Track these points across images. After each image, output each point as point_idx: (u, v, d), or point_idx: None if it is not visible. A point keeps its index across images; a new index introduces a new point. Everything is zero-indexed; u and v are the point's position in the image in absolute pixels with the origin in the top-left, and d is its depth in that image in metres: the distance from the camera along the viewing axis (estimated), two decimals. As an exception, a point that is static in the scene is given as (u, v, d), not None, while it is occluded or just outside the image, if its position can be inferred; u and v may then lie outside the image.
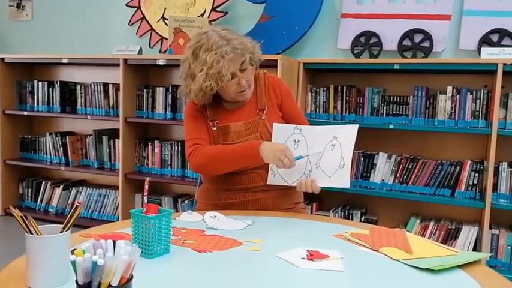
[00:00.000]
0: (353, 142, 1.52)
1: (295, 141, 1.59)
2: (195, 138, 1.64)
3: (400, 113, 2.79)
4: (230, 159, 1.59)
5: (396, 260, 1.13)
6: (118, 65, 3.30)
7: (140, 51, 3.32)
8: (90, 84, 3.57)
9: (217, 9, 3.32)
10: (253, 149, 1.54)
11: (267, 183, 1.64)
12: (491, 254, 2.61)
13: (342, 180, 1.52)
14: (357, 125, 1.53)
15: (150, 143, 3.44)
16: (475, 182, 2.65)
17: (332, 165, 1.53)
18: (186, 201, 3.36)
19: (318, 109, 2.95)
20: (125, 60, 3.29)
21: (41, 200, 3.79)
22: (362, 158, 2.85)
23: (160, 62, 3.18)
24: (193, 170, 1.68)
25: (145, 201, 1.14)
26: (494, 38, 2.70)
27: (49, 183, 3.78)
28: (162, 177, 3.36)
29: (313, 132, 1.58)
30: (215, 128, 1.65)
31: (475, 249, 2.64)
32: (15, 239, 2.85)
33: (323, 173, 1.54)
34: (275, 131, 1.61)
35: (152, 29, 3.57)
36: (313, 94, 2.96)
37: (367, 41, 2.94)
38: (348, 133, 1.53)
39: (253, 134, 1.65)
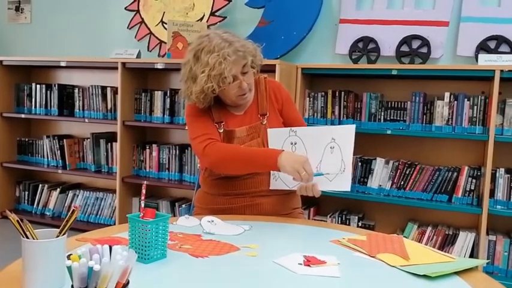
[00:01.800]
0: (352, 144, 1.50)
1: (292, 143, 1.58)
2: (207, 134, 1.59)
3: (398, 118, 2.80)
4: (248, 162, 1.54)
5: (393, 266, 1.13)
6: (116, 68, 3.30)
7: (139, 55, 3.32)
8: (88, 88, 3.57)
9: (216, 13, 3.33)
10: (272, 158, 1.49)
11: (270, 188, 1.63)
12: (488, 260, 2.61)
13: (342, 184, 1.51)
14: (354, 125, 1.51)
15: (147, 147, 3.44)
16: (472, 188, 2.65)
17: (333, 169, 1.52)
18: (183, 206, 3.35)
19: (315, 114, 2.96)
20: (123, 63, 3.29)
21: (38, 203, 3.78)
22: (359, 163, 2.86)
23: (159, 66, 3.18)
24: (208, 164, 1.61)
25: (143, 205, 1.14)
26: (492, 44, 2.72)
27: (46, 186, 3.77)
28: (159, 181, 3.36)
29: (308, 133, 1.57)
30: (221, 131, 1.65)
31: (472, 255, 2.64)
32: (12, 243, 2.83)
33: (324, 177, 1.54)
34: (270, 137, 1.61)
35: (151, 33, 3.57)
36: (311, 99, 2.96)
37: (365, 47, 2.95)
38: (346, 134, 1.51)
39: (255, 139, 1.64)
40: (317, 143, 1.55)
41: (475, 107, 2.63)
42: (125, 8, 3.63)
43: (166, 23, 3.36)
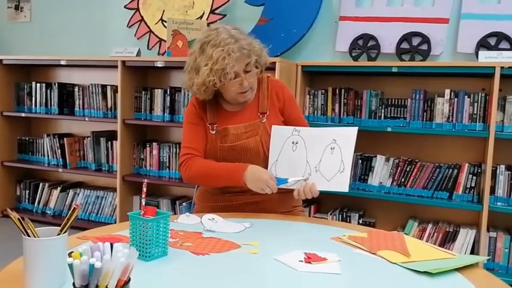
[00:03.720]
0: (353, 146, 1.51)
1: (293, 143, 1.59)
2: (189, 147, 1.65)
3: (398, 115, 2.80)
4: (216, 179, 1.61)
5: (394, 263, 1.13)
6: (116, 66, 3.30)
7: (138, 53, 3.32)
8: (88, 86, 3.57)
9: (216, 11, 3.33)
10: (238, 174, 1.55)
11: None
12: (488, 257, 2.61)
13: (340, 184, 1.51)
14: (356, 128, 1.53)
15: (148, 145, 3.44)
16: (473, 184, 2.65)
17: (331, 169, 1.53)
18: (184, 204, 3.36)
19: (316, 112, 2.96)
20: (123, 62, 3.29)
21: (39, 202, 3.78)
22: (360, 161, 2.86)
23: (159, 64, 3.18)
24: (184, 179, 1.70)
25: (143, 203, 1.14)
26: (492, 41, 2.71)
27: (47, 185, 3.77)
28: (160, 179, 3.36)
29: (311, 134, 1.58)
30: (214, 132, 1.65)
31: (472, 252, 2.64)
32: (13, 241, 2.83)
33: (322, 177, 1.54)
34: (273, 134, 1.62)
35: (151, 31, 3.57)
36: (311, 97, 2.96)
37: (365, 44, 2.94)
38: (348, 136, 1.52)
39: (252, 137, 1.64)
40: (318, 143, 1.56)
41: (476, 104, 2.63)
42: (125, 7, 3.63)
43: (166, 21, 3.35)
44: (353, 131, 1.53)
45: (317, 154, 1.55)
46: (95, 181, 3.85)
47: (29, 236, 0.90)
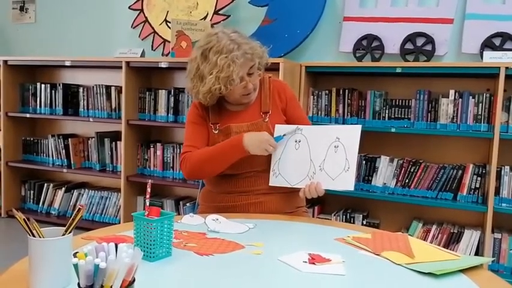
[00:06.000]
0: (357, 144, 1.51)
1: (296, 141, 1.59)
2: (189, 146, 1.65)
3: (402, 116, 2.79)
4: (218, 159, 1.59)
5: (398, 264, 1.13)
6: (120, 67, 3.31)
7: (143, 54, 3.33)
8: (93, 87, 3.58)
9: (220, 12, 3.33)
10: (238, 144, 1.55)
11: (269, 184, 1.64)
12: (493, 258, 2.60)
13: (346, 183, 1.51)
14: (360, 126, 1.53)
15: (152, 146, 3.44)
16: (477, 185, 2.64)
17: (336, 168, 1.53)
18: (188, 204, 3.36)
19: (319, 112, 2.95)
20: (128, 62, 3.30)
21: (43, 202, 3.80)
22: (364, 162, 2.86)
23: (163, 65, 3.18)
24: (187, 177, 1.69)
25: (147, 204, 1.14)
26: (497, 41, 2.70)
27: (51, 185, 3.79)
28: (164, 180, 3.37)
29: (314, 132, 1.58)
30: (216, 131, 1.66)
31: (477, 253, 2.63)
32: (18, 242, 2.84)
33: (327, 176, 1.54)
34: (276, 132, 1.62)
35: (155, 32, 3.58)
36: (315, 97, 2.96)
37: (369, 45, 2.94)
38: (351, 134, 1.52)
39: (255, 136, 1.65)
40: (321, 141, 1.56)
41: (480, 104, 2.62)
42: (129, 7, 3.64)
43: (170, 22, 3.36)
44: (357, 129, 1.52)
45: (321, 153, 1.55)
46: (99, 181, 3.86)
47: (34, 236, 0.90)
